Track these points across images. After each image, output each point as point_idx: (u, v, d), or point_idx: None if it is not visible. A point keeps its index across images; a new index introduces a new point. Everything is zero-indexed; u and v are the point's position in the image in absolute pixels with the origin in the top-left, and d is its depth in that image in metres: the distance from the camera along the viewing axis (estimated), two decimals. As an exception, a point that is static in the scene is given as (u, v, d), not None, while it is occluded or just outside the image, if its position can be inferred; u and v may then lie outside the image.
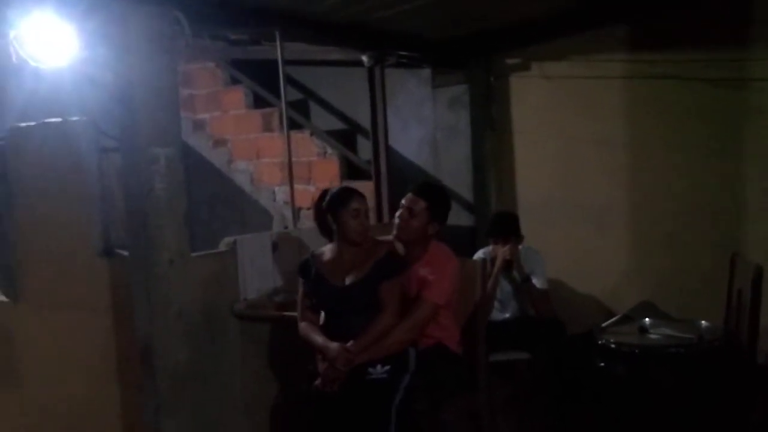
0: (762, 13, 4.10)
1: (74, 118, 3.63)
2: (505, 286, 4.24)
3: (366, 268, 3.09)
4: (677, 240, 4.55)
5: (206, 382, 3.54)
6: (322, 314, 3.20)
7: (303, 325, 3.20)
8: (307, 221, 4.96)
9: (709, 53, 4.27)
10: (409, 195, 3.37)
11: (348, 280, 3.10)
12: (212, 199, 6.03)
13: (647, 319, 3.77)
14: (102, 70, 3.53)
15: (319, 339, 3.09)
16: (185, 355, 3.31)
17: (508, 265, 4.15)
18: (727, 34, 4.24)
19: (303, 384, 3.15)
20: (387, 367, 3.04)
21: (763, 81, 4.12)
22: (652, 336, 3.57)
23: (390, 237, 3.37)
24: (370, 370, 3.03)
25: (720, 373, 3.40)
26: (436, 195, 3.41)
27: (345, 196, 3.12)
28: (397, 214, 3.39)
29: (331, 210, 3.13)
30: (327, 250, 3.23)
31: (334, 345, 3.01)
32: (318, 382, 3.03)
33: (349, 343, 3.00)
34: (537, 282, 4.17)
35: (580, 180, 4.92)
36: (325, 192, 3.27)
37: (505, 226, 4.24)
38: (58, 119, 3.63)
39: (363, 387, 3.02)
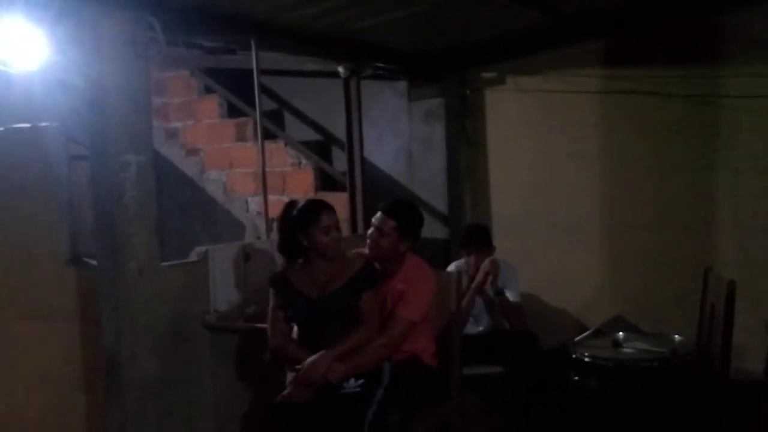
0: (735, 30, 4.16)
1: (44, 124, 3.58)
2: (478, 300, 4.22)
3: (342, 280, 3.04)
4: (651, 254, 4.58)
5: (175, 393, 3.49)
6: (294, 327, 3.16)
7: (278, 338, 3.13)
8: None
9: (683, 70, 4.32)
10: (379, 214, 3.28)
11: (324, 293, 3.04)
12: (184, 209, 5.96)
13: (621, 333, 3.78)
14: (73, 76, 3.48)
15: (300, 352, 3.03)
16: (153, 366, 3.26)
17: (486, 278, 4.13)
18: (702, 51, 4.30)
19: (275, 395, 3.10)
20: (361, 381, 3.00)
21: (735, 98, 4.18)
22: (626, 350, 3.59)
23: (364, 250, 3.33)
24: (344, 383, 2.98)
25: (692, 388, 3.42)
26: (405, 214, 3.32)
27: (315, 212, 3.02)
28: (368, 233, 3.33)
29: (302, 228, 3.02)
30: (298, 263, 3.14)
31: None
32: (286, 392, 2.99)
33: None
34: (510, 295, 4.15)
35: (554, 194, 4.93)
36: (290, 205, 3.14)
37: (477, 237, 4.24)
38: (28, 125, 3.57)
39: (336, 400, 2.97)
